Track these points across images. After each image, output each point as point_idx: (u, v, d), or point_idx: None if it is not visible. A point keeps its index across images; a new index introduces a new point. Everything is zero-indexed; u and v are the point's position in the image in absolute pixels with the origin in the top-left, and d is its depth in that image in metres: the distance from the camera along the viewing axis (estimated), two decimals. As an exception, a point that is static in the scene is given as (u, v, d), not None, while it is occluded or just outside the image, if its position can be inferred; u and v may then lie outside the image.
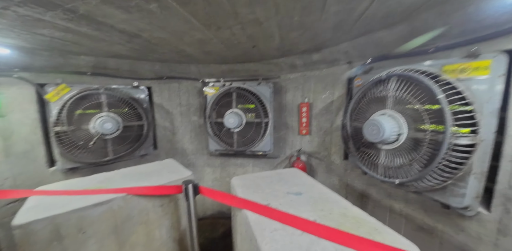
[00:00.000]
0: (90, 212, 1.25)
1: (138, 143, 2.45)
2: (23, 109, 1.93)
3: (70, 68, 2.16)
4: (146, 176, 1.67)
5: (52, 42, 1.69)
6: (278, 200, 1.16)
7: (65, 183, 1.59)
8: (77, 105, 2.08)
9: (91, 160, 2.14)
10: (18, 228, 1.09)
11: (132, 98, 2.40)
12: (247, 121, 2.53)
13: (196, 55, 2.25)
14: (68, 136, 2.01)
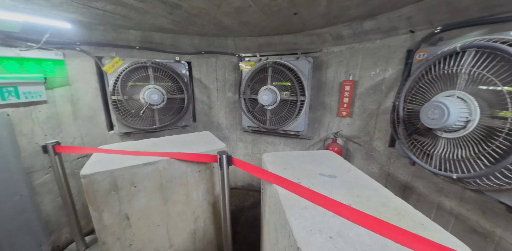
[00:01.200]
0: (141, 170, 1.43)
1: (179, 115, 2.60)
2: (86, 79, 2.17)
3: (122, 42, 2.29)
4: (186, 144, 1.80)
5: (104, 16, 1.77)
6: (310, 179, 1.12)
7: (121, 144, 1.83)
8: (129, 77, 2.25)
9: (141, 127, 2.38)
10: (85, 177, 1.31)
11: (174, 72, 2.48)
12: (282, 99, 2.42)
13: (233, 27, 2.14)
14: (123, 105, 2.23)
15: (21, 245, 1.83)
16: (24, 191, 1.82)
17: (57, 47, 1.93)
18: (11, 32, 1.65)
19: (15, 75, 1.72)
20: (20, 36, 1.71)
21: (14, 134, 1.76)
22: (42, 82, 1.87)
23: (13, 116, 1.75)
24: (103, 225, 1.40)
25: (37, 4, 1.48)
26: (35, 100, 1.85)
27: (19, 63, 1.75)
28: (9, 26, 1.58)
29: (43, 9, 1.58)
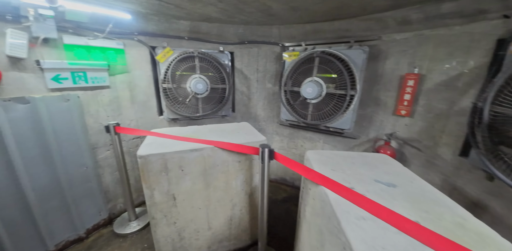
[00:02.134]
0: (188, 155, 1.48)
1: (220, 104, 2.62)
2: (142, 67, 2.30)
3: (173, 32, 2.34)
4: (227, 134, 1.81)
5: (160, 6, 1.80)
6: (364, 186, 0.99)
7: (170, 129, 1.93)
8: (178, 67, 2.32)
9: (186, 114, 2.47)
10: (141, 158, 1.41)
11: (218, 62, 2.48)
12: (328, 92, 2.19)
13: (280, 13, 1.99)
14: (172, 92, 2.33)
15: (84, 210, 2.12)
16: (89, 163, 2.08)
17: (118, 37, 2.06)
18: (81, 22, 1.80)
19: (85, 62, 1.90)
20: (88, 26, 1.86)
21: (83, 114, 1.99)
22: (106, 69, 2.04)
23: (82, 98, 1.96)
24: (153, 202, 1.51)
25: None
26: (100, 85, 2.04)
27: (87, 51, 1.92)
28: (80, 17, 1.72)
29: (107, 0, 1.68)
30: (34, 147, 1.72)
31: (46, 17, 1.54)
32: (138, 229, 2.21)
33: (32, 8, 1.44)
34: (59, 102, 1.80)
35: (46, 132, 1.75)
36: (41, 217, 1.82)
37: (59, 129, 1.83)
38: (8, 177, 1.62)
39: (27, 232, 1.78)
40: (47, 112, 1.73)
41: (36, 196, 1.77)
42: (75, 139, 1.95)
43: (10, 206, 1.67)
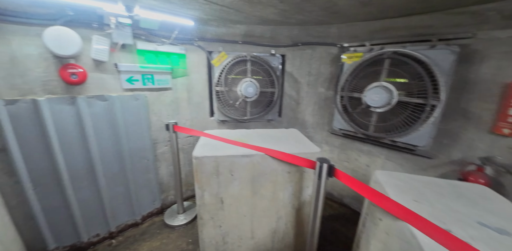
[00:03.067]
0: (239, 160, 1.41)
1: (268, 108, 2.52)
2: (199, 71, 2.38)
3: (228, 37, 2.35)
4: (276, 140, 1.68)
5: (221, 11, 1.79)
6: (465, 229, 0.73)
7: (221, 131, 1.92)
8: (231, 70, 2.30)
9: (235, 117, 2.45)
10: (196, 158, 1.40)
11: (269, 65, 2.37)
12: (400, 101, 1.78)
13: (345, 10, 1.75)
14: (223, 95, 2.33)
15: (142, 198, 2.29)
16: (150, 156, 2.25)
17: (181, 42, 2.16)
18: (152, 30, 1.93)
19: (153, 65, 2.04)
20: (157, 33, 1.98)
21: (148, 112, 2.15)
22: (169, 72, 2.16)
23: (149, 98, 2.11)
24: (203, 202, 1.50)
25: (172, 3, 1.62)
26: (163, 86, 2.18)
27: (155, 55, 2.06)
28: (151, 24, 1.83)
29: (175, 8, 1.74)
30: (108, 139, 1.92)
31: (124, 25, 1.69)
32: (184, 222, 2.29)
33: (113, 17, 1.59)
34: (130, 101, 1.98)
35: (119, 127, 1.93)
36: (108, 200, 2.04)
37: (128, 125, 2.01)
38: (86, 162, 1.84)
39: (96, 212, 2.01)
40: (120, 109, 1.92)
41: (106, 181, 1.99)
42: (141, 134, 2.12)
43: (85, 187, 1.90)
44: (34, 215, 1.70)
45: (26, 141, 1.56)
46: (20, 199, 1.63)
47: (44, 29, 1.40)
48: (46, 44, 1.43)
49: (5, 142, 1.48)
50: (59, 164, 1.70)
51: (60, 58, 1.57)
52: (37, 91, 1.56)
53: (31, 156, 1.60)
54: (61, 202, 1.80)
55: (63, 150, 1.71)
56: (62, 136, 1.69)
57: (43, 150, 1.64)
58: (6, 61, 1.40)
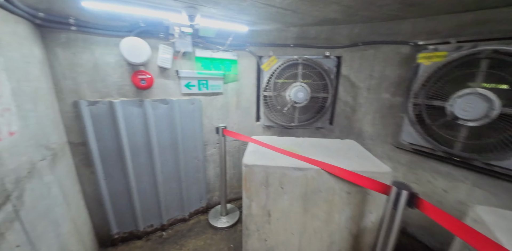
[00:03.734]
0: (290, 172, 1.25)
1: (318, 115, 2.28)
2: (248, 76, 2.32)
3: (279, 40, 2.22)
4: (332, 153, 1.45)
5: (276, 14, 1.68)
6: None
7: (269, 138, 1.79)
8: (281, 75, 2.16)
9: (281, 123, 2.30)
10: (246, 166, 1.30)
11: (322, 68, 2.14)
12: (503, 113, 1.32)
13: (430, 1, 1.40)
14: (271, 100, 2.21)
15: (191, 195, 2.34)
16: (200, 157, 2.29)
17: (234, 48, 2.13)
18: (209, 37, 1.96)
19: (208, 71, 2.07)
20: (213, 40, 2.00)
21: (201, 115, 2.19)
22: (221, 78, 2.17)
23: (203, 102, 2.16)
24: (249, 212, 1.39)
25: (230, 9, 1.58)
26: (216, 91, 2.19)
27: (210, 62, 2.08)
28: (209, 32, 1.85)
29: (232, 14, 1.70)
30: (167, 139, 2.02)
31: (186, 34, 1.74)
32: (227, 226, 2.24)
33: (177, 27, 1.65)
34: (187, 105, 2.05)
35: (176, 128, 2.02)
36: (163, 194, 2.14)
37: (184, 126, 2.08)
38: (147, 158, 1.97)
39: (152, 204, 2.13)
40: (178, 112, 2.00)
41: (162, 177, 2.10)
42: (194, 136, 2.18)
43: (145, 182, 2.03)
44: (103, 202, 1.89)
45: (101, 137, 1.75)
46: (94, 188, 1.84)
47: (120, 39, 1.54)
48: (122, 53, 1.56)
49: (86, 137, 1.68)
50: (126, 159, 1.86)
51: (132, 66, 1.71)
52: (113, 94, 1.72)
53: (105, 150, 1.79)
54: (125, 192, 1.97)
55: (130, 146, 1.86)
56: (130, 134, 1.84)
57: (114, 145, 1.81)
58: (90, 68, 1.59)
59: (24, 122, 1.12)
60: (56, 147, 1.46)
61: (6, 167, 0.94)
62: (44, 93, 1.37)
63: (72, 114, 1.62)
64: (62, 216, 1.41)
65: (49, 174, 1.33)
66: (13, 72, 1.06)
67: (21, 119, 1.10)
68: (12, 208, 0.94)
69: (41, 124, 1.29)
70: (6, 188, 0.92)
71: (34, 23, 1.28)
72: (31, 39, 1.26)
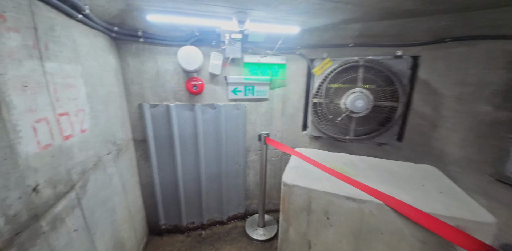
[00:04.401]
0: (340, 201, 0.98)
1: (382, 129, 1.83)
2: (296, 81, 2.12)
3: (336, 41, 1.92)
4: (401, 182, 1.07)
5: (334, 10, 1.43)
6: None
7: (316, 152, 1.53)
8: (335, 79, 1.86)
9: (332, 134, 1.97)
10: (285, 185, 1.11)
11: (391, 71, 1.71)
12: None
13: None
14: (321, 108, 1.93)
15: (230, 199, 2.30)
16: (241, 162, 2.22)
17: (283, 52, 1.98)
18: (258, 42, 1.87)
19: (255, 77, 2.00)
20: (262, 45, 1.90)
21: (245, 121, 2.13)
22: (268, 83, 2.05)
23: (248, 107, 2.09)
24: (286, 238, 1.18)
25: (280, 10, 1.45)
26: (261, 97, 2.09)
27: (258, 67, 2.00)
28: (258, 37, 1.76)
29: (282, 16, 1.56)
30: (212, 142, 2.05)
31: (236, 40, 1.71)
32: (263, 239, 2.07)
33: (228, 34, 1.63)
34: (232, 110, 2.02)
35: (221, 132, 2.02)
36: (205, 195, 2.17)
37: (228, 131, 2.07)
38: (194, 158, 2.05)
39: (195, 203, 2.19)
40: (224, 117, 2.00)
41: (206, 178, 2.13)
42: (237, 141, 2.14)
43: (191, 180, 2.11)
44: (155, 194, 2.04)
45: (158, 136, 1.91)
46: (149, 180, 2.01)
47: (178, 49, 1.63)
48: (179, 61, 1.65)
49: (146, 135, 1.85)
50: (177, 157, 1.98)
51: (187, 72, 1.80)
52: (170, 98, 1.85)
53: (160, 147, 1.94)
54: (173, 188, 2.09)
55: (180, 145, 1.97)
56: (181, 135, 1.95)
57: (168, 144, 1.95)
58: (153, 75, 1.75)
59: (95, 121, 1.28)
60: (121, 143, 1.65)
61: (74, 160, 1.07)
62: (115, 96, 1.57)
63: (137, 115, 1.82)
64: (119, 204, 1.57)
65: (112, 167, 1.49)
66: (90, 78, 1.23)
67: (93, 118, 1.26)
68: (75, 196, 1.06)
69: (110, 123, 1.48)
70: (72, 179, 1.04)
71: (110, 36, 1.49)
72: (107, 50, 1.48)
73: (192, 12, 1.46)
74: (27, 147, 0.77)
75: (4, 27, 0.70)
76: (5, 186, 0.67)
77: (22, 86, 0.76)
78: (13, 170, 0.70)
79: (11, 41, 0.73)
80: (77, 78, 1.13)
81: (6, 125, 0.69)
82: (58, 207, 0.93)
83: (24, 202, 0.74)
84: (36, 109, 0.83)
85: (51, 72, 0.93)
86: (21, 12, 0.77)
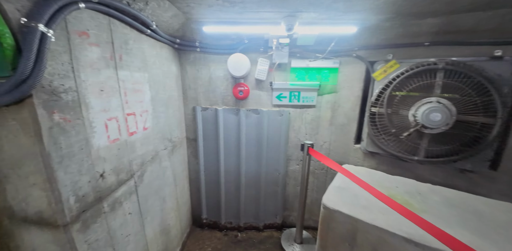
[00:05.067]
0: (397, 242, 0.81)
1: (468, 151, 1.41)
2: (351, 87, 1.91)
3: (405, 39, 1.63)
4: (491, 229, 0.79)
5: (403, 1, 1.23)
6: None
7: (370, 172, 1.34)
8: (402, 85, 1.58)
9: (394, 152, 1.67)
10: (325, 208, 1.03)
11: (485, 77, 1.31)
12: None
13: None
14: (382, 119, 1.68)
15: (267, 207, 2.29)
16: (282, 170, 2.19)
17: (336, 55, 1.83)
18: (307, 46, 1.81)
19: (301, 83, 1.93)
20: (311, 48, 1.82)
21: (288, 128, 2.09)
22: (316, 89, 1.94)
23: (292, 114, 2.05)
24: None
25: (333, 10, 1.35)
26: (308, 104, 2.00)
27: (306, 72, 1.92)
28: (308, 40, 1.70)
29: (336, 15, 1.45)
30: (253, 146, 2.12)
31: (283, 45, 1.71)
32: (296, 257, 1.96)
33: (275, 39, 1.65)
34: (276, 116, 2.03)
35: (263, 137, 2.07)
36: (243, 197, 2.26)
37: (270, 137, 2.08)
38: (235, 161, 2.17)
39: (233, 203, 2.30)
40: (267, 123, 2.03)
41: (245, 181, 2.21)
42: (278, 148, 2.12)
43: (231, 181, 2.23)
44: (200, 189, 2.27)
45: (206, 136, 2.12)
46: (196, 176, 2.26)
47: (228, 56, 1.77)
48: (228, 68, 1.79)
49: (197, 134, 2.10)
50: (220, 157, 2.15)
51: (235, 79, 1.94)
52: (219, 102, 2.04)
53: (207, 147, 2.15)
54: (216, 186, 2.27)
55: (224, 147, 2.13)
56: (226, 137, 2.10)
57: (214, 144, 2.14)
58: (206, 81, 1.97)
59: (156, 120, 1.55)
60: (176, 141, 1.93)
61: (136, 153, 1.32)
62: (174, 99, 1.86)
63: (191, 116, 2.09)
64: (169, 194, 1.83)
65: (167, 161, 1.76)
66: (154, 84, 1.50)
67: (154, 118, 1.52)
68: (133, 184, 1.30)
69: (168, 122, 1.75)
70: (132, 169, 1.28)
71: (174, 47, 1.77)
72: (171, 59, 1.76)
73: (242, 20, 1.56)
74: (99, 140, 1.01)
75: (88, 43, 0.93)
76: (79, 171, 0.90)
77: (99, 91, 1.00)
78: (86, 158, 0.93)
79: (93, 54, 0.96)
80: (144, 84, 1.39)
81: (85, 122, 0.92)
82: (119, 192, 1.16)
83: (92, 186, 0.97)
84: (109, 109, 1.07)
85: (123, 79, 1.17)
86: (102, 30, 1.00)
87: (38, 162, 0.75)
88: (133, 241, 1.29)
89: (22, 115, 0.71)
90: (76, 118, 0.88)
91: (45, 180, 0.77)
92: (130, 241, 1.27)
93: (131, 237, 1.27)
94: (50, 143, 0.76)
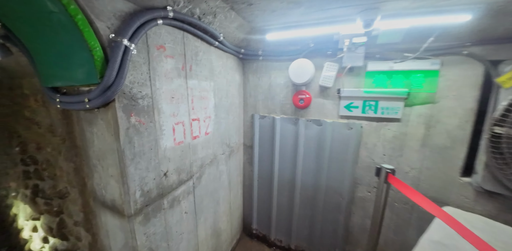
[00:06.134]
0: None
1: None
2: (459, 96, 1.44)
3: None
4: None
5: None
6: None
7: (490, 226, 0.98)
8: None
9: (534, 198, 1.12)
10: None
11: None
12: None
13: None
14: (511, 144, 1.17)
15: (324, 234, 2.09)
16: (345, 195, 1.92)
17: (435, 54, 1.43)
18: (391, 44, 1.51)
19: (380, 90, 1.64)
20: (397, 47, 1.51)
21: (359, 145, 1.82)
22: (403, 98, 1.59)
23: (365, 128, 1.77)
24: None
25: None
26: (389, 116, 1.67)
27: (388, 76, 1.61)
28: (393, 37, 1.43)
29: (435, 2, 1.15)
30: (311, 162, 2.00)
31: (358, 45, 1.51)
32: None
33: (348, 39, 1.48)
34: (342, 129, 1.82)
35: (324, 153, 1.91)
36: (296, 216, 2.17)
37: (333, 153, 1.90)
38: (290, 174, 2.12)
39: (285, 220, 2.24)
40: (330, 136, 1.86)
41: (299, 198, 2.12)
42: (342, 167, 1.89)
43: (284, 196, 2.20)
44: (253, 197, 2.35)
45: (262, 145, 2.19)
46: (250, 182, 2.35)
47: (290, 63, 1.76)
48: (289, 75, 1.78)
49: (253, 142, 2.19)
50: (274, 168, 2.17)
51: (296, 86, 1.90)
52: (277, 111, 2.05)
53: (262, 155, 2.22)
54: (268, 196, 2.30)
55: (279, 158, 2.13)
56: (282, 147, 2.10)
57: (269, 153, 2.18)
58: (266, 89, 2.03)
59: (217, 126, 1.74)
60: (234, 146, 2.10)
61: (197, 156, 1.52)
62: (236, 106, 2.02)
63: (249, 123, 2.21)
64: (223, 198, 1.99)
65: (224, 165, 1.93)
66: (218, 91, 1.70)
67: (216, 124, 1.71)
68: (192, 184, 1.50)
69: (228, 128, 1.93)
70: (192, 170, 1.48)
71: (238, 57, 1.94)
72: (235, 69, 1.94)
73: (306, 22, 1.52)
74: (166, 142, 1.23)
75: (164, 55, 1.15)
76: (147, 168, 1.12)
77: (170, 97, 1.22)
78: (154, 157, 1.16)
79: (168, 65, 1.18)
80: (209, 92, 1.60)
81: (156, 125, 1.15)
82: (178, 191, 1.36)
83: (156, 183, 1.19)
84: (177, 114, 1.29)
85: (191, 87, 1.39)
86: (176, 43, 1.22)
87: (115, 157, 0.99)
88: (186, 239, 1.48)
89: (107, 116, 0.96)
90: (149, 121, 1.11)
91: (119, 173, 1.01)
92: (183, 239, 1.45)
93: (184, 235, 1.45)
94: (125, 142, 1.00)
